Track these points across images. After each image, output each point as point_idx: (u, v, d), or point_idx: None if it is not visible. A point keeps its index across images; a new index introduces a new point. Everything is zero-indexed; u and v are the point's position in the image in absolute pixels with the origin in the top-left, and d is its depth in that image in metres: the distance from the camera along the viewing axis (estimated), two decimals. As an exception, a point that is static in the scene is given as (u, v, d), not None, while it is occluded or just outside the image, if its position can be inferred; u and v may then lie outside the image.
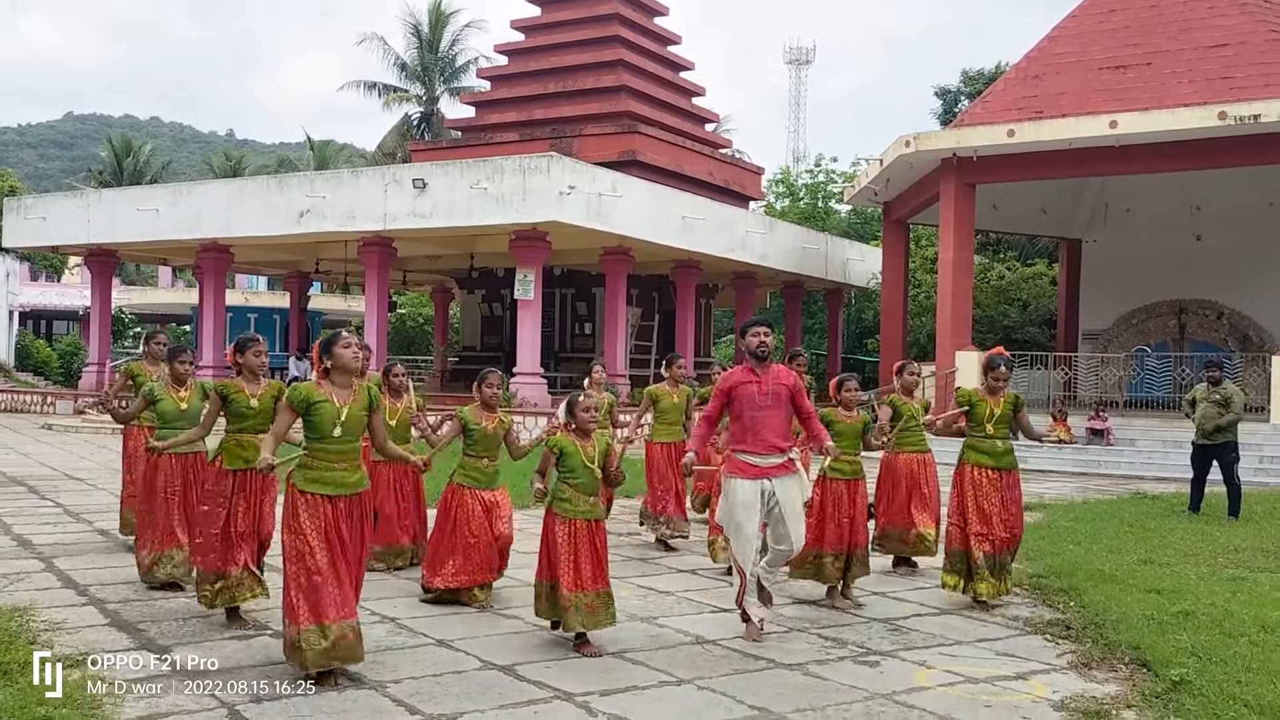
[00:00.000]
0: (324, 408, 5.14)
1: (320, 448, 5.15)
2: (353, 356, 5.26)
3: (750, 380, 6.16)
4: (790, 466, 6.14)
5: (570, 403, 5.95)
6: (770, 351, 6.22)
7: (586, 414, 5.90)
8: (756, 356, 6.19)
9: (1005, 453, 7.10)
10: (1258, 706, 4.74)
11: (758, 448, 6.09)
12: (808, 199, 40.63)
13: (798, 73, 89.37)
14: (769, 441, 6.09)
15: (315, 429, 5.16)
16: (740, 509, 6.06)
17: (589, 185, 19.26)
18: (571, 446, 5.84)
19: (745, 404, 6.13)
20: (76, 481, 12.80)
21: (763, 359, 6.18)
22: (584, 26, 26.22)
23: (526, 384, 19.92)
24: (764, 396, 6.10)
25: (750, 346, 6.22)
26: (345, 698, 4.83)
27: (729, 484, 6.18)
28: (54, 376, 35.26)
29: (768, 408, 6.10)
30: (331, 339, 5.33)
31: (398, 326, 38.62)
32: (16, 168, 64.23)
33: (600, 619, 5.71)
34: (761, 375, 6.16)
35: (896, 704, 4.94)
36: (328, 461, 5.14)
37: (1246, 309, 22.83)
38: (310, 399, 5.15)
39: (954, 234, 19.82)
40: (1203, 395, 11.36)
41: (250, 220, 22.04)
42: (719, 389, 6.33)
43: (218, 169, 54.49)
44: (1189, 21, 20.12)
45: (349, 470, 5.20)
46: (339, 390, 5.23)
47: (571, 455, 5.82)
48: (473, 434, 6.74)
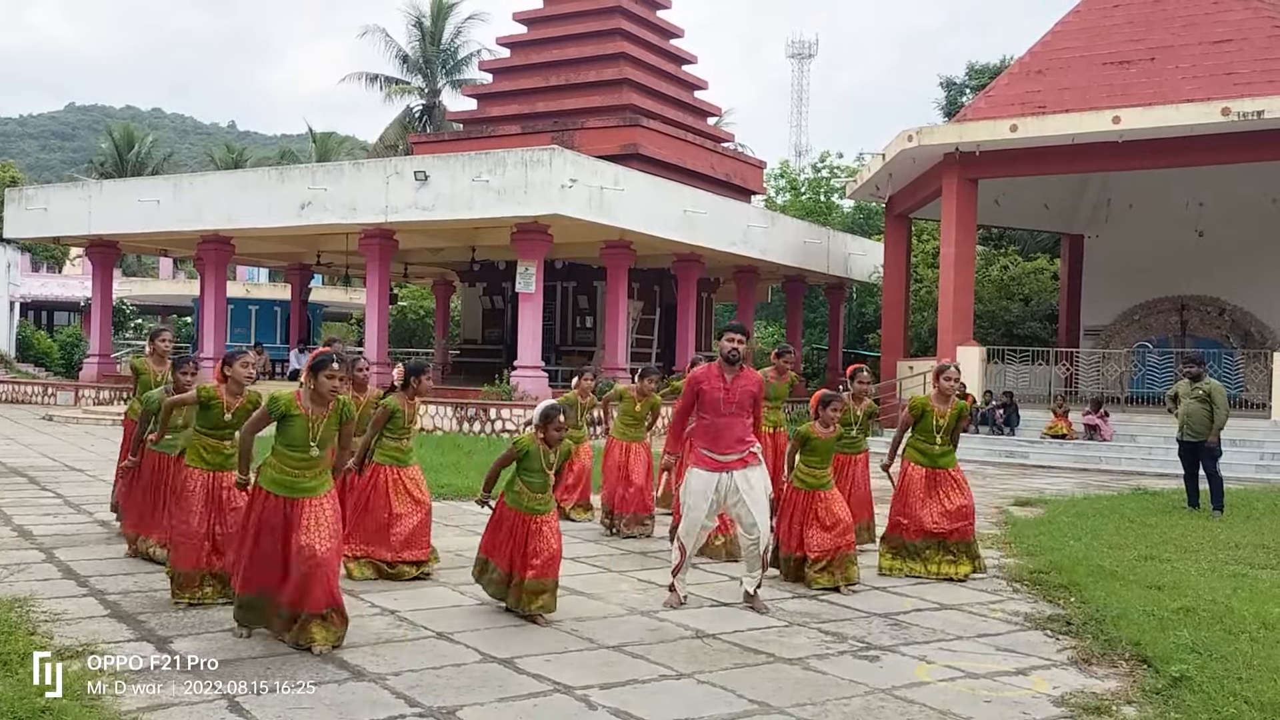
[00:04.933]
0: (297, 421, 5.52)
1: (287, 454, 5.53)
2: (330, 390, 5.56)
3: (719, 385, 6.53)
4: (752, 459, 6.58)
5: (549, 414, 6.19)
6: (741, 357, 6.58)
7: (558, 432, 6.20)
8: (727, 360, 6.56)
9: (942, 455, 7.75)
10: (1258, 703, 4.73)
11: (719, 448, 6.54)
12: (809, 193, 40.59)
13: (800, 67, 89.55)
14: (729, 443, 6.54)
15: (287, 438, 5.52)
16: (694, 495, 6.59)
17: (590, 178, 19.22)
18: (535, 450, 6.16)
19: (710, 408, 6.56)
20: (77, 472, 12.79)
21: (733, 363, 6.55)
22: (586, 19, 26.18)
23: (527, 377, 19.91)
24: (729, 405, 6.53)
25: (723, 350, 6.61)
26: (345, 690, 4.83)
27: (689, 471, 6.70)
28: (55, 368, 35.27)
29: (732, 415, 6.55)
30: (320, 363, 5.56)
31: (399, 319, 38.60)
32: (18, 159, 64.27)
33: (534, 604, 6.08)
34: (730, 382, 6.54)
35: (896, 699, 4.94)
36: (291, 468, 5.52)
37: (1248, 305, 22.82)
38: (288, 412, 5.51)
39: (956, 229, 19.81)
40: (1185, 391, 11.31)
41: (251, 212, 22.01)
42: (689, 382, 6.71)
43: (219, 161, 54.40)
44: (1193, 17, 20.08)
45: (311, 477, 5.56)
46: (316, 406, 5.57)
47: (533, 458, 6.17)
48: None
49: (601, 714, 4.62)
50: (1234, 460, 14.43)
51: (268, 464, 5.57)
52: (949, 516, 7.65)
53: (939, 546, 7.66)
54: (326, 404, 5.58)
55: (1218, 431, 11.05)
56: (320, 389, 5.53)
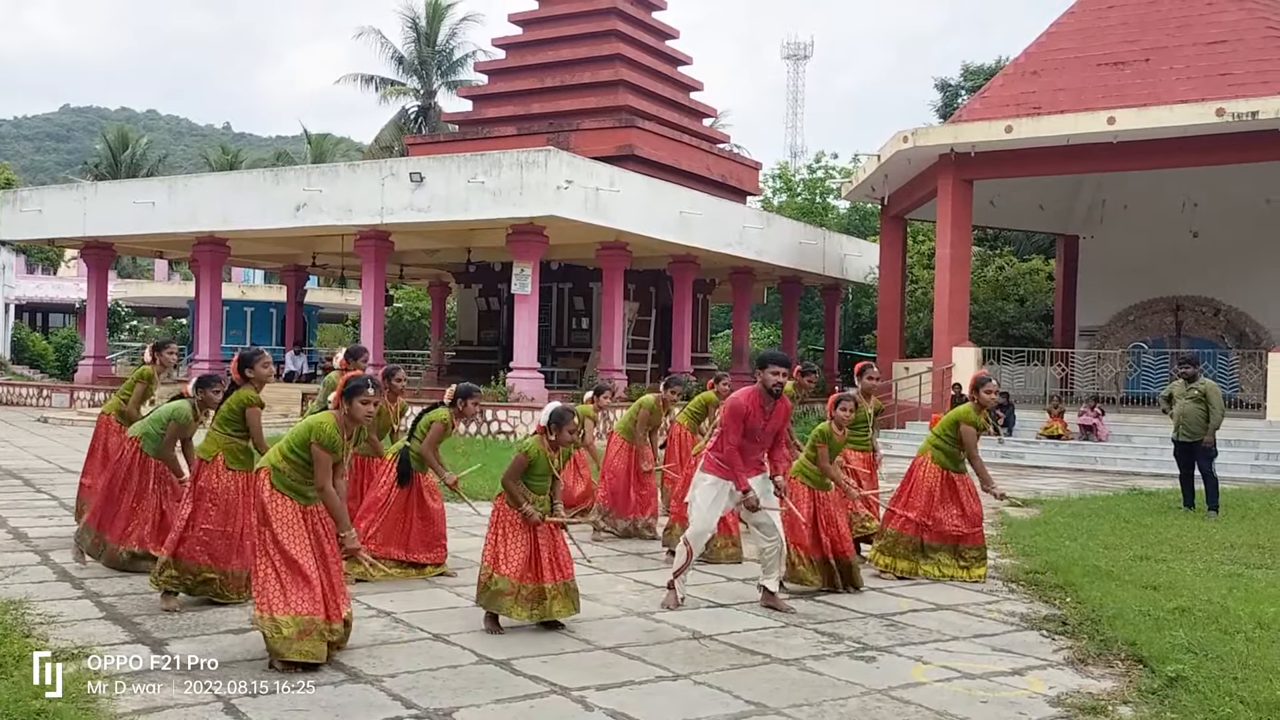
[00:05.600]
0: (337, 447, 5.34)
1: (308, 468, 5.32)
2: (365, 415, 5.40)
3: (759, 416, 6.59)
4: (760, 467, 6.71)
5: (562, 418, 6.04)
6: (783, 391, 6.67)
7: (571, 435, 6.11)
8: (771, 393, 6.61)
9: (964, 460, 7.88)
10: (1253, 703, 4.74)
11: (738, 465, 6.58)
12: (805, 194, 40.61)
13: (795, 68, 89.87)
14: (750, 463, 6.66)
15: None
16: (705, 499, 6.67)
17: (586, 180, 19.22)
18: (542, 456, 6.03)
19: (747, 436, 6.61)
20: (72, 475, 12.71)
21: (776, 396, 6.62)
22: (582, 20, 26.18)
23: (523, 379, 19.89)
24: (765, 434, 6.62)
25: (768, 383, 6.61)
26: (341, 691, 4.82)
27: (700, 475, 6.77)
28: (50, 369, 35.19)
29: (762, 442, 6.67)
30: (355, 388, 5.36)
31: (394, 321, 38.55)
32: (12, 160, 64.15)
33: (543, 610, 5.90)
34: (770, 412, 6.62)
35: (893, 699, 4.94)
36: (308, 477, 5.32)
37: (1243, 305, 22.86)
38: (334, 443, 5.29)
39: (951, 230, 19.84)
40: (1180, 392, 11.32)
41: (247, 213, 21.98)
42: (734, 414, 6.58)
43: (214, 162, 54.35)
44: (1187, 18, 20.12)
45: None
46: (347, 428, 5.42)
47: (539, 464, 6.03)
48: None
49: (598, 715, 4.62)
50: (1229, 460, 14.45)
51: (278, 469, 5.33)
52: (967, 520, 7.76)
53: (952, 551, 7.72)
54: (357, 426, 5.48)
55: (1213, 432, 11.06)
56: (355, 414, 5.36)
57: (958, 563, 7.70)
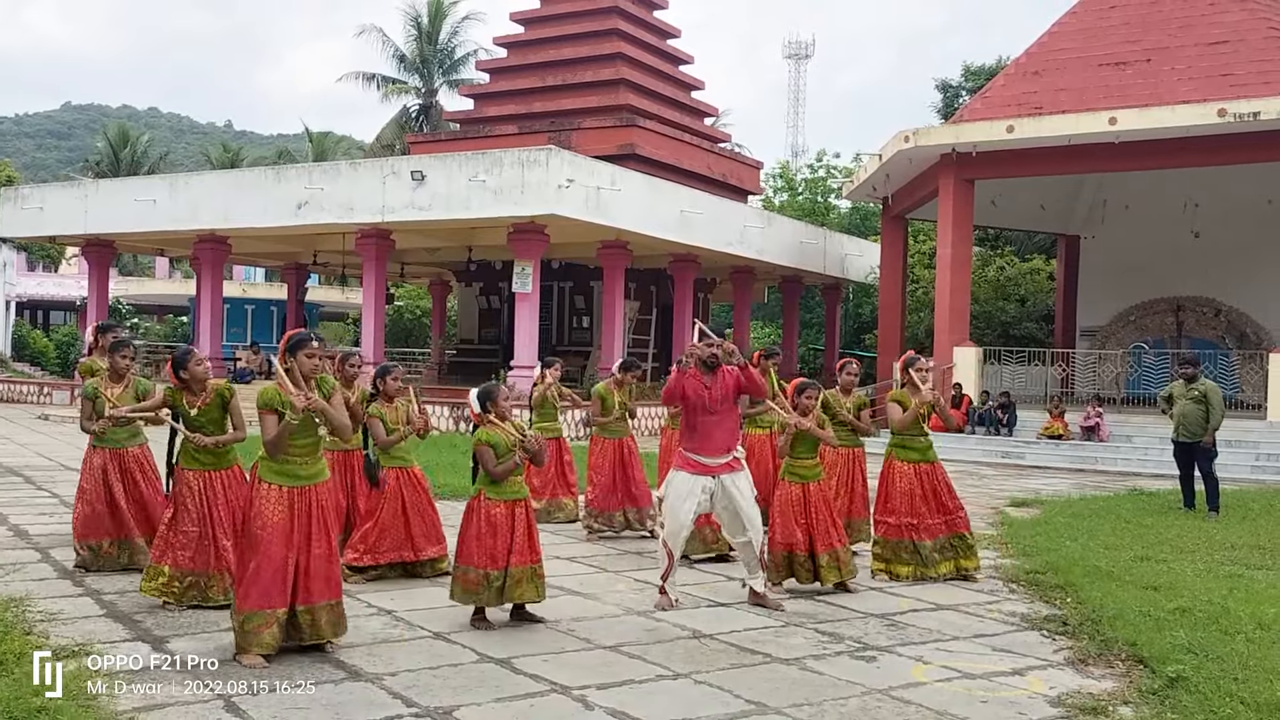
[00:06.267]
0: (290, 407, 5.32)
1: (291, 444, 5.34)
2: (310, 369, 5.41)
3: (699, 388, 6.57)
4: (737, 464, 6.65)
5: (489, 394, 6.13)
6: (719, 363, 6.60)
7: (506, 402, 6.15)
8: (706, 365, 6.61)
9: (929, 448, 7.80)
10: (1254, 704, 4.74)
11: (706, 450, 6.57)
12: (806, 194, 40.59)
13: (797, 67, 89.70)
14: (718, 445, 6.58)
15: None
16: (677, 498, 6.60)
17: (587, 178, 19.23)
18: (498, 436, 6.04)
19: (698, 411, 6.58)
20: (72, 472, 12.74)
21: (712, 368, 6.60)
22: (583, 19, 26.18)
23: (524, 377, 19.86)
24: (715, 402, 6.56)
25: (700, 355, 6.63)
26: (342, 690, 4.82)
27: (672, 474, 6.74)
28: (50, 367, 35.22)
29: (719, 413, 6.58)
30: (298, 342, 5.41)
31: (395, 319, 38.56)
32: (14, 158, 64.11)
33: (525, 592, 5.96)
34: (711, 384, 6.58)
35: (893, 699, 4.94)
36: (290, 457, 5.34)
37: (1244, 306, 22.85)
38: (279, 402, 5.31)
39: (952, 229, 19.84)
40: (1180, 392, 11.31)
41: (248, 211, 21.99)
42: (671, 396, 6.70)
43: (215, 160, 54.29)
44: (1189, 18, 20.11)
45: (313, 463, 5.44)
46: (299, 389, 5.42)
47: (500, 444, 6.03)
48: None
49: (598, 714, 4.62)
50: (1229, 461, 14.44)
51: (262, 457, 5.36)
52: (945, 511, 7.70)
53: (945, 546, 7.66)
54: (309, 385, 5.39)
55: (1213, 432, 11.06)
56: (302, 367, 5.35)
57: (950, 556, 7.65)
